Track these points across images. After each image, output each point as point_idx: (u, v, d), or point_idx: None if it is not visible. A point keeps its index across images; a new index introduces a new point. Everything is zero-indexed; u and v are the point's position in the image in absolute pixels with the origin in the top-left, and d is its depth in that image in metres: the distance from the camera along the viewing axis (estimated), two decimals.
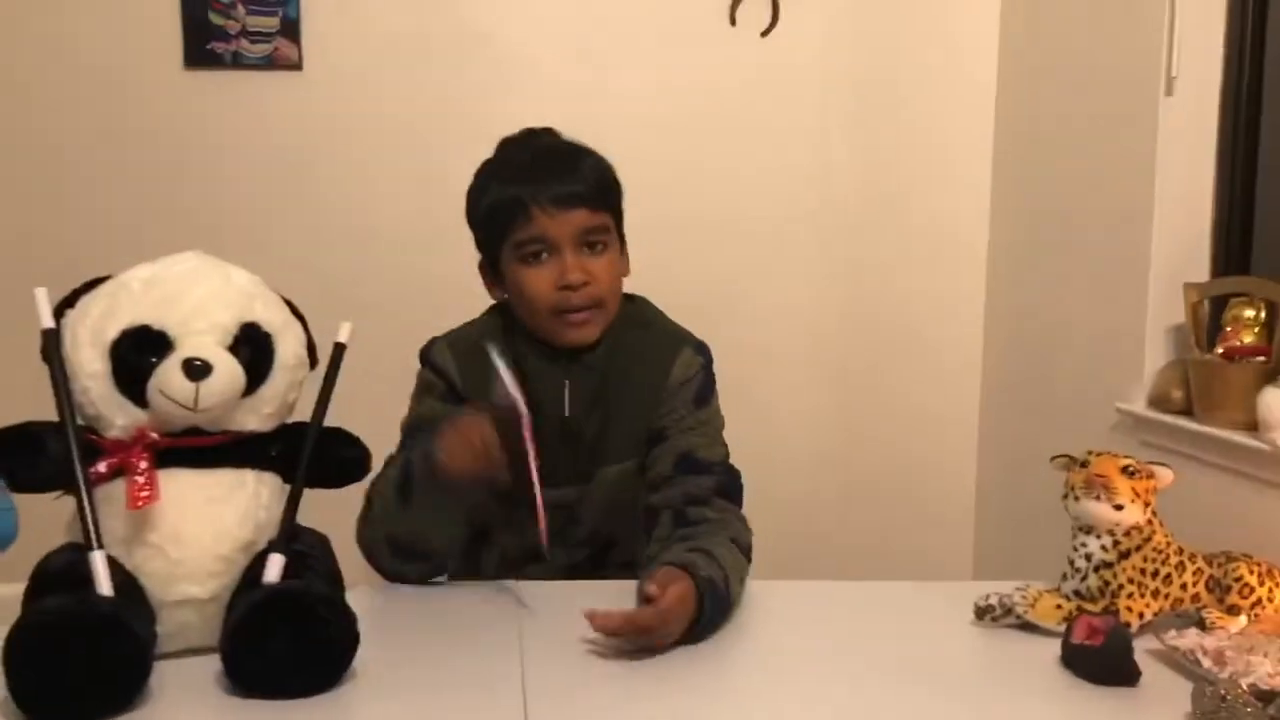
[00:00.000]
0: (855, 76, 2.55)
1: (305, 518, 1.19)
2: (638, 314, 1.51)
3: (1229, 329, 1.84)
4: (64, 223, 2.33)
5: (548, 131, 1.49)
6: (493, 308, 1.51)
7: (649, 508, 1.43)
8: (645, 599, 1.20)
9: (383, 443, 1.30)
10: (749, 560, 1.38)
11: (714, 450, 1.44)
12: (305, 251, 2.36)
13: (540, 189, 1.38)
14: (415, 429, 1.43)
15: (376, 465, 1.30)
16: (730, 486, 1.43)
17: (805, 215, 2.57)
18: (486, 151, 1.41)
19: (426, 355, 1.47)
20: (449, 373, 1.44)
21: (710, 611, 1.23)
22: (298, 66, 2.40)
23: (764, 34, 2.51)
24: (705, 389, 1.47)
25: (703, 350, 1.49)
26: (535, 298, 1.40)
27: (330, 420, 1.22)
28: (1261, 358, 1.77)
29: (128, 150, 2.37)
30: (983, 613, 1.30)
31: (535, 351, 1.44)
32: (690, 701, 1.09)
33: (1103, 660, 1.14)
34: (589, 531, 1.48)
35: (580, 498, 1.46)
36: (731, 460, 1.46)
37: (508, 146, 1.48)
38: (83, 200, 2.36)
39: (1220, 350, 1.83)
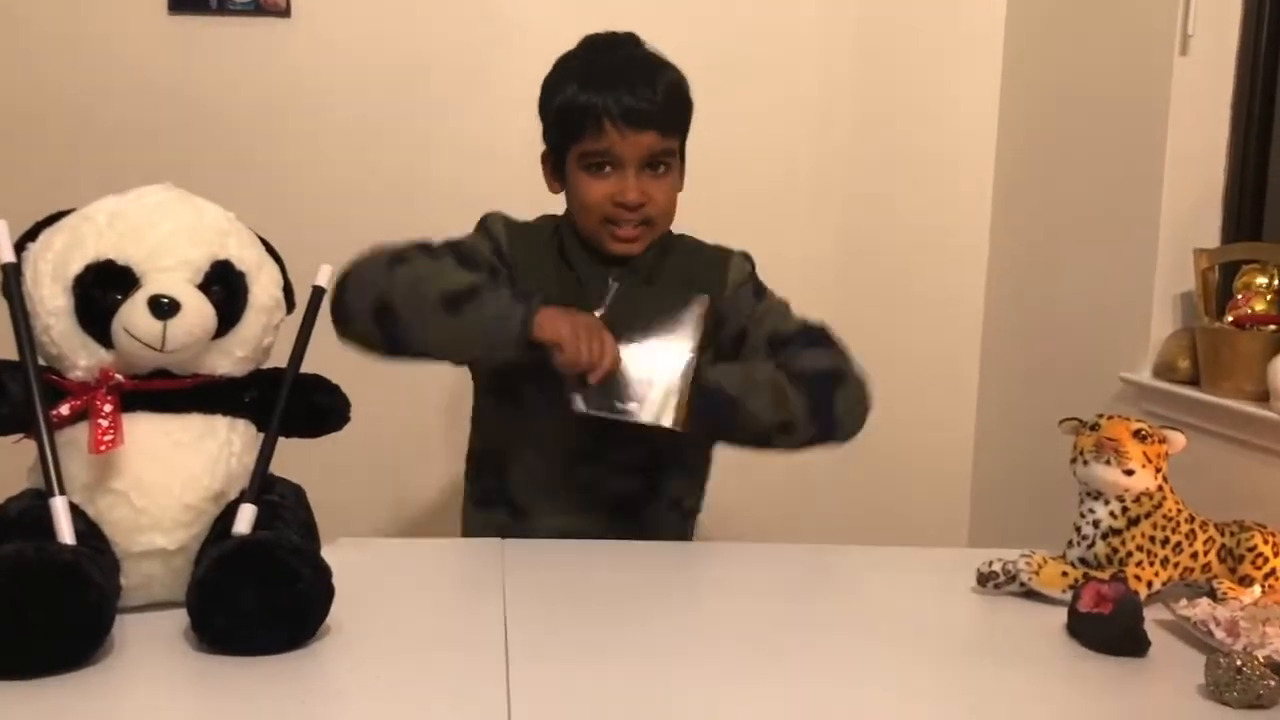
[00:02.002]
0: (858, 33, 2.49)
1: (279, 468, 1.14)
2: (683, 237, 1.56)
3: (1239, 296, 1.79)
4: (43, 170, 2.26)
5: (632, 39, 1.50)
6: (543, 216, 1.54)
7: None
8: None
9: (363, 391, 1.24)
10: (818, 383, 1.40)
11: (790, 322, 1.49)
12: (290, 200, 2.29)
13: (616, 104, 1.40)
14: (450, 244, 1.42)
15: (360, 414, 1.24)
16: (817, 336, 1.47)
17: (805, 169, 2.52)
18: (477, 102, 1.38)
19: (482, 223, 1.50)
20: (500, 239, 1.47)
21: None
22: (285, 13, 2.33)
23: None
24: (759, 286, 1.54)
25: (748, 258, 1.56)
26: (590, 206, 1.44)
27: (307, 368, 1.17)
28: (1273, 326, 1.73)
29: (109, 97, 2.30)
30: (985, 579, 1.26)
31: (584, 255, 1.48)
32: (679, 664, 1.05)
33: (1112, 629, 1.09)
34: (645, 451, 1.45)
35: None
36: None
37: (594, 49, 1.49)
38: (62, 147, 2.29)
39: (1230, 318, 1.78)
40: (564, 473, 1.46)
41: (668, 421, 1.28)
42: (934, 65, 2.51)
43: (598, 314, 1.38)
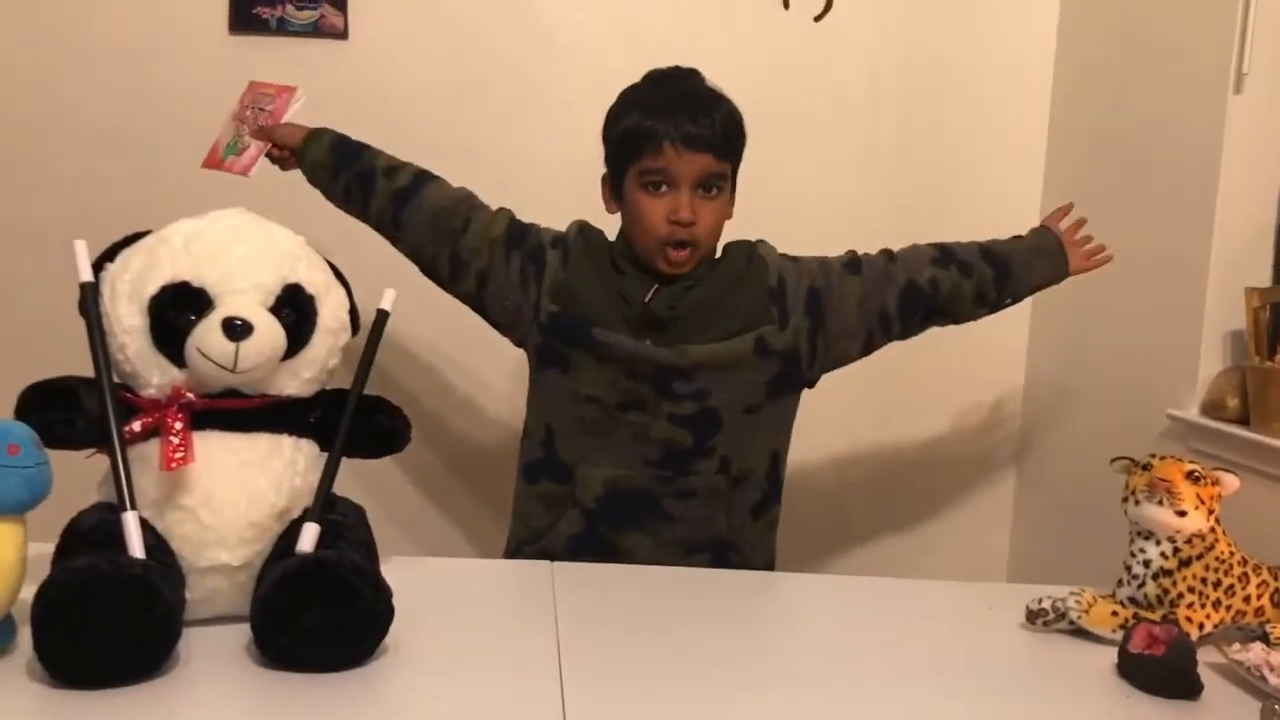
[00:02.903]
0: (908, 65, 2.49)
1: (342, 488, 1.16)
2: (749, 247, 1.65)
3: None
4: (106, 188, 2.30)
5: (694, 74, 1.61)
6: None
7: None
8: None
9: (423, 416, 1.26)
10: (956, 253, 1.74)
11: (864, 255, 1.71)
12: (348, 223, 2.32)
13: (676, 127, 1.50)
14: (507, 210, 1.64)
15: (419, 437, 1.26)
16: (897, 250, 1.73)
17: (851, 204, 2.52)
18: (530, 123, 1.42)
19: (576, 225, 1.63)
20: (569, 244, 1.59)
21: None
22: (343, 35, 2.37)
23: (817, 18, 2.45)
24: (806, 263, 1.67)
25: (788, 255, 1.66)
26: (648, 224, 1.53)
27: (370, 390, 1.19)
28: None
29: (171, 116, 2.34)
30: (1034, 616, 1.26)
31: (632, 267, 1.57)
32: (728, 692, 1.06)
33: (1164, 671, 1.09)
34: (696, 407, 1.52)
35: (691, 368, 1.52)
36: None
37: (657, 81, 1.59)
38: (125, 165, 2.33)
39: None
40: (611, 421, 1.52)
41: None
42: (982, 99, 2.51)
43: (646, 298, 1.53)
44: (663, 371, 1.51)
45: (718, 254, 1.62)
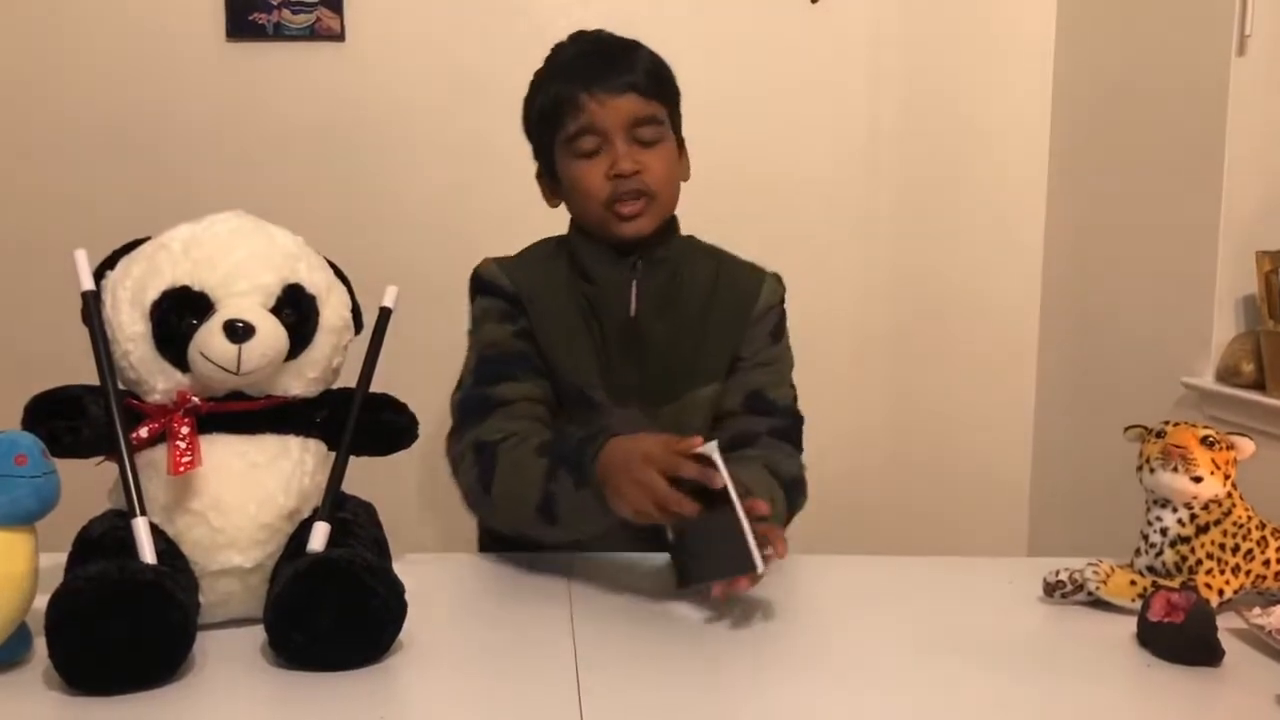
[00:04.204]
0: (906, 43, 2.48)
1: (351, 485, 1.16)
2: (705, 245, 1.49)
3: None
4: (105, 193, 2.31)
5: (597, 31, 1.47)
6: (536, 242, 1.49)
7: None
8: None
9: (428, 411, 1.26)
10: (797, 494, 1.37)
11: (781, 390, 1.44)
12: (347, 224, 2.33)
13: (589, 78, 1.37)
14: (486, 364, 1.39)
15: (426, 431, 1.26)
16: (789, 430, 1.42)
17: (854, 182, 2.51)
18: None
19: (475, 279, 1.45)
20: (501, 286, 1.42)
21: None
22: (340, 37, 2.37)
23: (814, 0, 2.44)
24: (782, 323, 1.48)
25: (781, 281, 1.50)
26: (588, 191, 1.37)
27: (375, 388, 1.19)
28: None
29: (169, 121, 2.35)
30: (1052, 589, 1.25)
31: (598, 256, 1.41)
32: (747, 675, 1.05)
33: (1184, 638, 1.08)
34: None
35: (654, 424, 1.35)
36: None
37: (558, 48, 1.46)
38: (124, 170, 2.34)
39: None
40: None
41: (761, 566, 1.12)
42: (984, 66, 2.50)
43: (631, 314, 1.38)
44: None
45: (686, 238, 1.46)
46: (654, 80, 1.40)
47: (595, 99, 1.36)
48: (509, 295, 1.41)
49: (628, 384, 1.40)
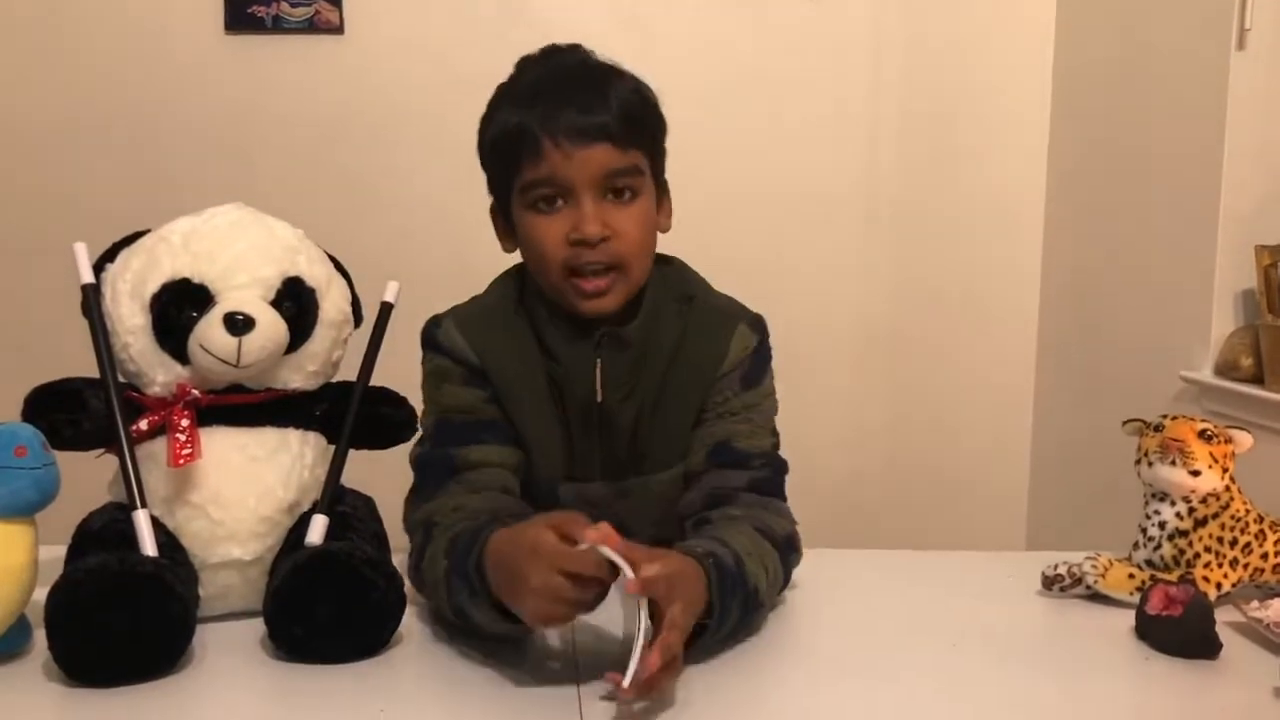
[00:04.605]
0: (907, 36, 2.49)
1: (350, 479, 1.16)
2: (677, 281, 1.26)
3: None
4: (105, 187, 2.31)
5: (574, 49, 1.22)
6: (505, 275, 1.28)
7: (677, 513, 1.23)
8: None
9: None
10: (790, 552, 1.18)
11: (756, 439, 1.23)
12: (347, 217, 2.33)
13: (554, 117, 1.12)
14: (450, 426, 1.21)
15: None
16: (769, 483, 1.22)
17: (854, 180, 2.51)
18: None
19: (432, 339, 1.23)
20: (464, 355, 1.21)
21: (724, 591, 1.01)
22: (339, 30, 2.37)
23: None
24: (756, 369, 1.25)
25: (758, 326, 1.27)
26: (544, 253, 1.15)
27: (375, 382, 1.19)
28: None
29: (168, 114, 2.35)
30: (1051, 582, 1.25)
31: (558, 325, 1.20)
32: (748, 669, 1.05)
33: (1182, 631, 1.08)
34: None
35: (618, 499, 1.25)
36: (780, 451, 1.25)
37: (524, 66, 1.22)
38: (123, 164, 2.34)
39: None
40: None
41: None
42: (984, 61, 2.50)
43: (598, 400, 1.19)
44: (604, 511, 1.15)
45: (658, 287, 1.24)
46: (632, 123, 1.15)
47: (559, 148, 1.12)
48: (474, 368, 1.21)
49: (590, 466, 1.25)
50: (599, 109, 1.13)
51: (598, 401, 1.20)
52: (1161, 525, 1.23)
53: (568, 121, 1.12)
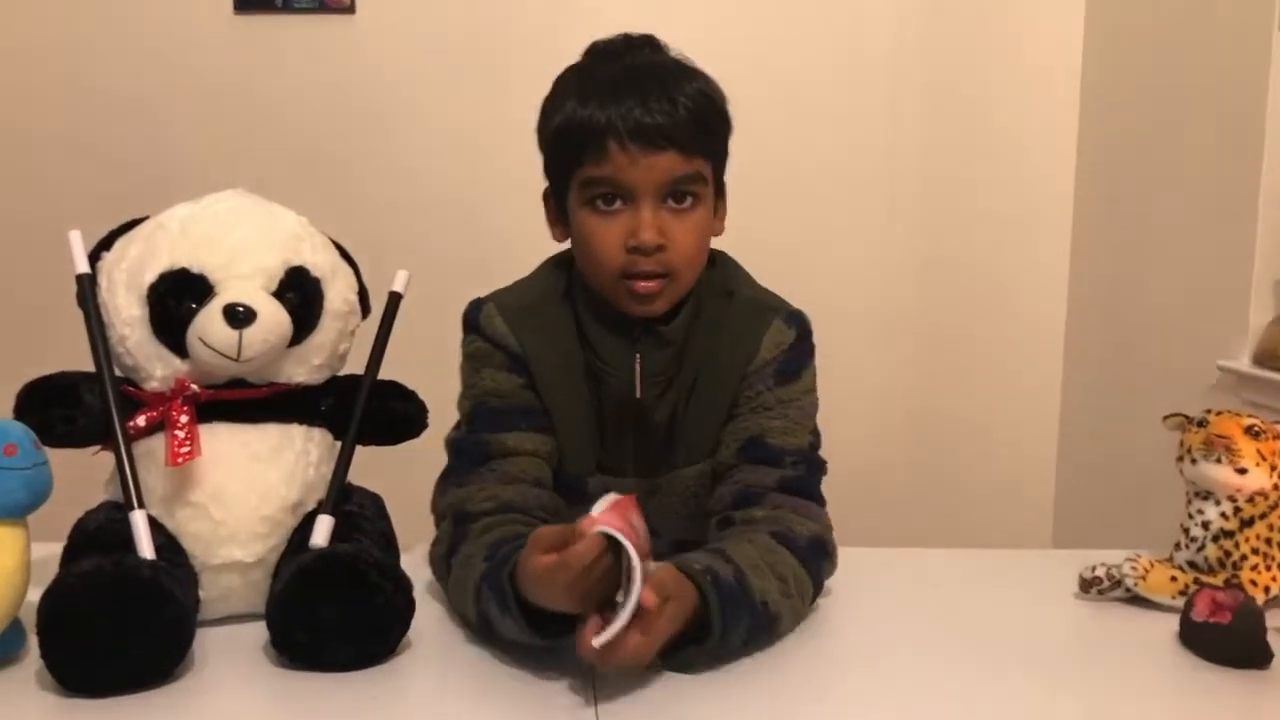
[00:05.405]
0: (930, 23, 2.42)
1: (357, 477, 1.12)
2: (721, 279, 1.26)
3: None
4: (112, 168, 2.28)
5: (649, 43, 1.20)
6: (549, 262, 1.28)
7: (706, 510, 1.21)
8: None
9: (438, 400, 1.21)
10: (819, 557, 1.15)
11: (791, 437, 1.20)
12: (358, 199, 2.28)
13: (623, 117, 1.11)
14: (487, 411, 1.20)
15: (435, 420, 1.21)
16: (800, 482, 1.18)
17: (877, 168, 2.45)
18: (542, 97, 1.27)
19: (474, 323, 1.23)
20: (506, 342, 1.21)
21: (724, 608, 0.99)
22: (350, 9, 2.33)
23: None
24: (793, 363, 1.22)
25: (795, 320, 1.24)
26: (599, 254, 1.15)
27: (384, 375, 1.15)
28: None
29: (177, 98, 2.31)
30: (1089, 585, 1.20)
31: (601, 320, 1.20)
32: (774, 670, 1.01)
33: (1231, 640, 1.03)
34: (668, 544, 1.21)
35: (648, 496, 1.23)
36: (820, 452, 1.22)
37: (597, 55, 1.20)
38: (131, 145, 2.30)
39: None
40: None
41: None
42: (1015, 40, 2.44)
43: (636, 395, 1.18)
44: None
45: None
46: (700, 130, 1.14)
47: (626, 152, 1.11)
48: (514, 354, 1.21)
49: (622, 459, 1.25)
50: (669, 115, 1.12)
51: (635, 397, 1.20)
52: (1205, 525, 1.18)
53: (637, 125, 1.11)
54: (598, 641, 0.91)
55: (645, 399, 1.21)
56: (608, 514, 0.95)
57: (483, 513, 1.12)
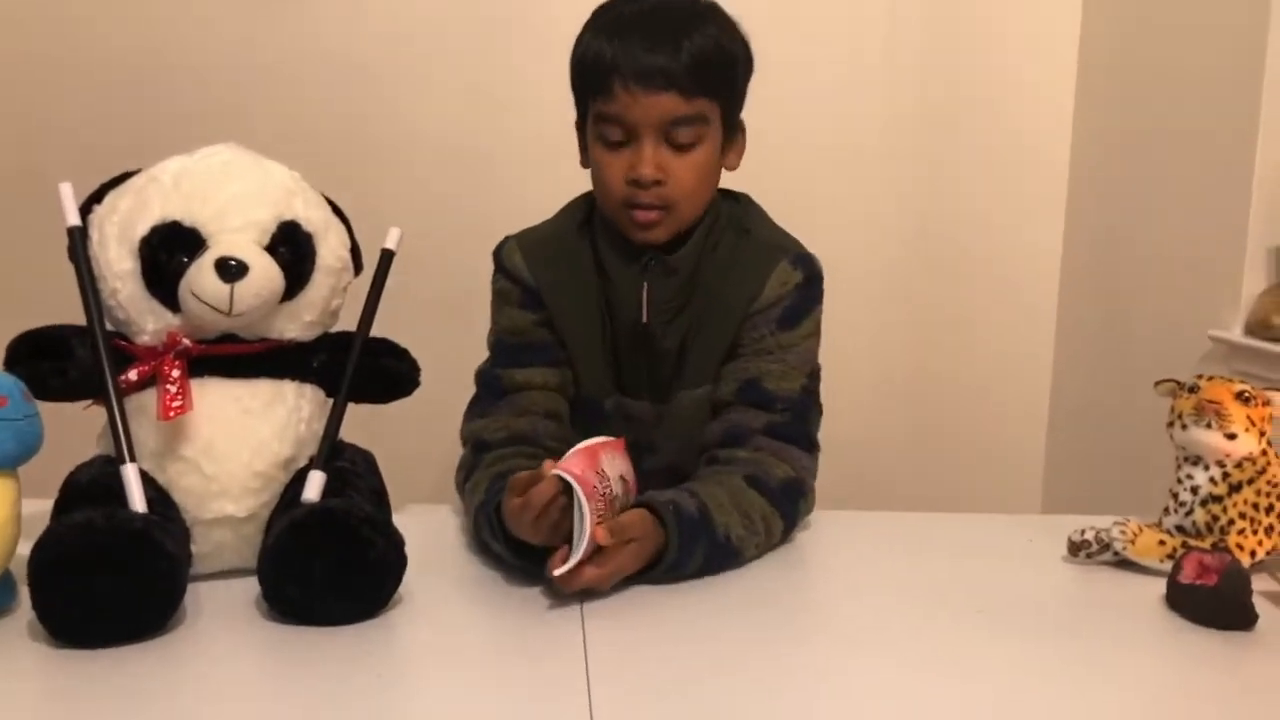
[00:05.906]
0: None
1: (349, 433, 1.12)
2: (739, 216, 1.32)
3: None
4: (109, 132, 2.25)
5: None
6: (578, 197, 1.35)
7: (699, 441, 1.28)
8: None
9: (431, 358, 1.21)
10: (792, 498, 1.21)
11: (785, 381, 1.26)
12: (356, 162, 2.26)
13: (628, 55, 1.17)
14: (504, 347, 1.32)
15: (427, 378, 1.21)
16: (787, 428, 1.24)
17: (873, 131, 2.44)
18: (544, 63, 1.27)
19: (498, 258, 1.33)
20: (522, 276, 1.31)
21: (682, 534, 1.08)
22: None
23: None
24: (797, 309, 1.28)
25: (803, 263, 1.29)
26: (605, 185, 1.24)
27: (376, 332, 1.14)
28: None
29: (171, 56, 2.28)
30: (1077, 548, 1.20)
31: (614, 249, 1.28)
32: (764, 634, 1.01)
33: (1217, 601, 1.04)
34: (664, 464, 1.32)
35: (659, 419, 1.33)
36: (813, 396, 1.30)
37: None
38: (131, 108, 2.27)
39: None
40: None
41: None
42: (1006, 14, 2.42)
43: (643, 320, 1.27)
44: (644, 427, 1.34)
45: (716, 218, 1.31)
46: (702, 72, 1.19)
47: (628, 90, 1.18)
48: (529, 289, 1.31)
49: (637, 382, 1.33)
50: (671, 56, 1.18)
51: (643, 322, 1.28)
52: (1194, 490, 1.18)
53: (639, 65, 1.18)
54: (557, 572, 1.02)
55: (654, 325, 1.29)
56: (571, 459, 1.05)
57: (496, 443, 1.24)
